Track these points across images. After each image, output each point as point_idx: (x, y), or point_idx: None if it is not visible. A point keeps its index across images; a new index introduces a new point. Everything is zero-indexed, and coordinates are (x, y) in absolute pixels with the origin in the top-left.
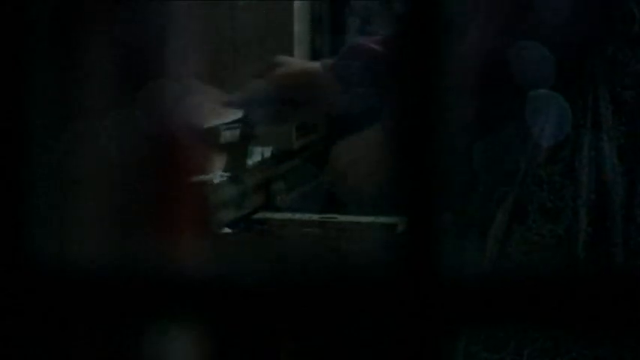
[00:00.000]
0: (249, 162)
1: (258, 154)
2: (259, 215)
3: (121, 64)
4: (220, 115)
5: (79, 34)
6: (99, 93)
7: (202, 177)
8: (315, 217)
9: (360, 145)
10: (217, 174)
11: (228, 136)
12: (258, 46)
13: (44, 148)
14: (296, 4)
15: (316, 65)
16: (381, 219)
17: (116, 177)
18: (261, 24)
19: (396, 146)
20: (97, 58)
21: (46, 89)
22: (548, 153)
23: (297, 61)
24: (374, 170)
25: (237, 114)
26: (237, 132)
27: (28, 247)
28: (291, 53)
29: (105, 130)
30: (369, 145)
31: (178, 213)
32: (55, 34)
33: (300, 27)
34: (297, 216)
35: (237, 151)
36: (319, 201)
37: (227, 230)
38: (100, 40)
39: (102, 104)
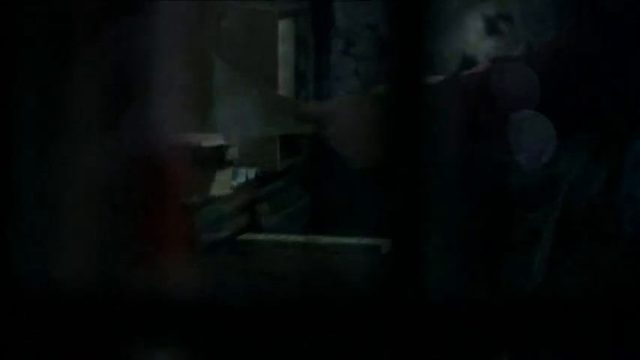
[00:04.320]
0: (234, 183)
1: (242, 175)
2: (244, 237)
3: (105, 86)
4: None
5: (65, 56)
6: (84, 114)
7: (187, 198)
8: (300, 238)
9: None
10: (202, 195)
11: (212, 156)
12: (242, 68)
13: (30, 169)
14: (280, 26)
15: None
16: (366, 240)
17: (101, 198)
18: (245, 45)
19: (381, 169)
20: (82, 79)
21: (32, 110)
22: (609, 182)
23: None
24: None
25: (222, 136)
26: (221, 153)
27: (14, 268)
28: (275, 74)
29: (90, 151)
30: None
31: (163, 234)
32: (41, 56)
33: (284, 48)
34: (282, 237)
35: (221, 172)
36: (304, 222)
37: (211, 252)
38: (85, 62)
39: (87, 125)
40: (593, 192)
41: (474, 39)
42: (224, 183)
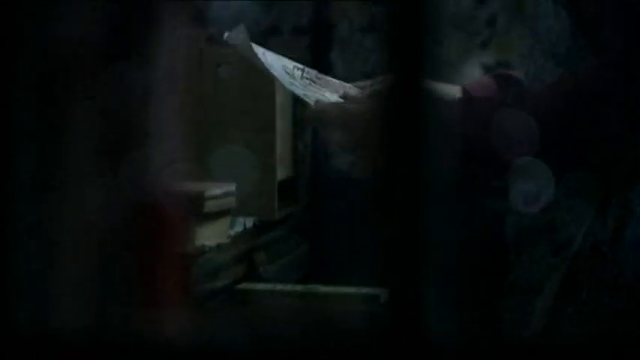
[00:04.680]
0: (232, 232)
1: (240, 224)
2: (242, 286)
3: (105, 132)
4: (204, 185)
5: (64, 101)
6: (83, 160)
7: (185, 246)
8: (298, 287)
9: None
10: (200, 244)
11: (211, 205)
12: (240, 116)
13: (28, 214)
14: None
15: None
16: (364, 290)
17: (99, 244)
18: (243, 95)
19: (380, 218)
20: (82, 125)
21: (31, 156)
22: (615, 229)
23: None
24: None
25: (221, 185)
26: (219, 202)
27: (11, 312)
28: (272, 122)
29: (89, 197)
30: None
31: (160, 282)
32: (40, 100)
33: (282, 98)
34: (280, 287)
35: (219, 221)
36: (302, 272)
37: (209, 300)
38: (85, 108)
39: (86, 171)
40: (601, 241)
41: None
42: (222, 232)
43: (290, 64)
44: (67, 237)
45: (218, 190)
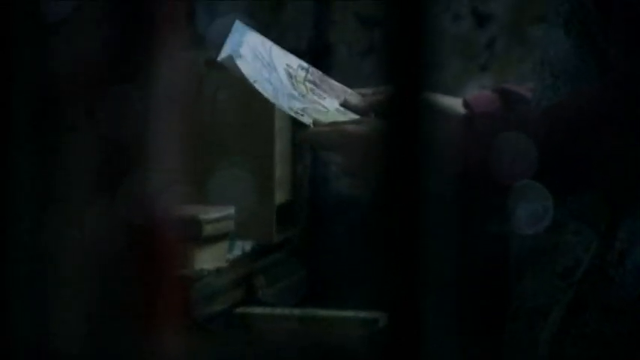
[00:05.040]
0: (230, 256)
1: (238, 247)
2: (240, 310)
3: (104, 155)
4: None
5: (63, 124)
6: (82, 184)
7: (183, 270)
8: (297, 311)
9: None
10: (198, 267)
11: (209, 229)
12: (239, 140)
13: (25, 236)
14: None
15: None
16: (363, 314)
17: (97, 267)
18: (242, 118)
19: (379, 242)
20: (80, 147)
21: (29, 178)
22: (622, 252)
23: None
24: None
25: (219, 209)
26: (218, 225)
27: (8, 333)
28: (271, 148)
29: (86, 220)
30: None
31: (159, 306)
32: (39, 124)
33: (281, 123)
34: (279, 311)
35: (218, 245)
36: (301, 295)
37: (208, 325)
38: (83, 130)
39: (85, 194)
40: (608, 263)
41: None
42: (220, 256)
43: (295, 62)
44: (65, 260)
45: (216, 214)
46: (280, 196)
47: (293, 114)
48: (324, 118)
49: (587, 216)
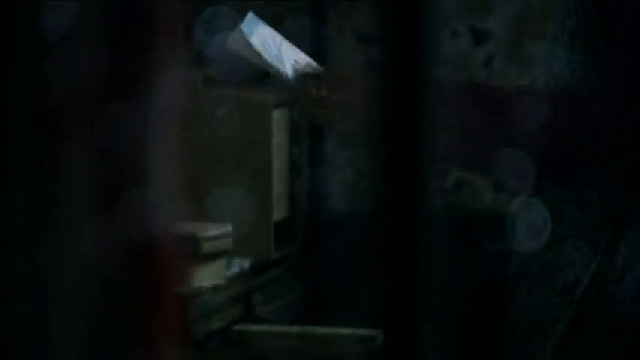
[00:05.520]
0: (228, 273)
1: (236, 265)
2: (238, 327)
3: (102, 173)
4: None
5: (60, 142)
6: (80, 200)
7: (181, 287)
8: (295, 328)
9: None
10: (197, 285)
11: (207, 247)
12: (237, 157)
13: (23, 255)
14: (275, 115)
15: None
16: (361, 331)
17: (95, 285)
18: (239, 134)
19: (377, 259)
20: (78, 165)
21: (27, 194)
22: (623, 268)
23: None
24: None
25: (217, 226)
26: (216, 243)
27: (6, 354)
28: (269, 163)
29: (85, 237)
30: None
31: (157, 323)
32: (37, 140)
33: (278, 139)
34: (277, 328)
35: (216, 262)
36: (299, 312)
37: (206, 342)
38: (81, 148)
39: (83, 212)
40: (609, 280)
41: None
42: (218, 273)
43: (303, 59)
44: (63, 276)
45: (215, 232)
46: (278, 213)
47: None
48: None
49: (588, 232)
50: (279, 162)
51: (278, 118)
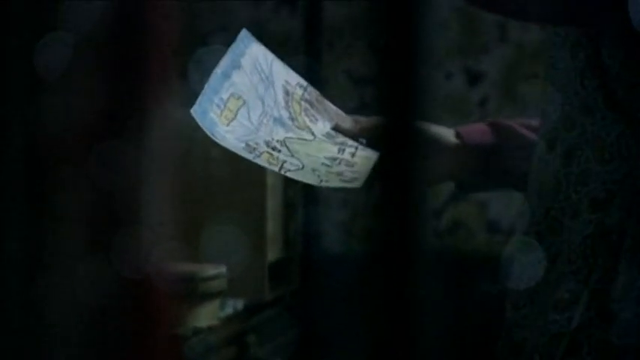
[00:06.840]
0: (222, 314)
1: (230, 305)
2: None
3: (96, 212)
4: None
5: (55, 180)
6: (74, 240)
7: (176, 328)
8: None
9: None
10: (191, 325)
11: (202, 287)
12: (231, 197)
13: (17, 292)
14: None
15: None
16: None
17: (89, 325)
18: (233, 173)
19: (373, 298)
20: (72, 205)
21: (20, 233)
22: (625, 286)
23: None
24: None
25: (212, 266)
26: (211, 284)
27: None
28: (263, 204)
29: (79, 277)
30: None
31: None
32: (30, 178)
33: (273, 180)
34: None
35: (210, 303)
36: (293, 353)
37: None
38: (75, 187)
39: (76, 252)
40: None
41: None
42: (212, 313)
43: (295, 79)
44: (56, 316)
45: (210, 272)
46: (272, 254)
47: (265, 162)
48: (304, 150)
49: (582, 249)
50: (273, 202)
51: None
